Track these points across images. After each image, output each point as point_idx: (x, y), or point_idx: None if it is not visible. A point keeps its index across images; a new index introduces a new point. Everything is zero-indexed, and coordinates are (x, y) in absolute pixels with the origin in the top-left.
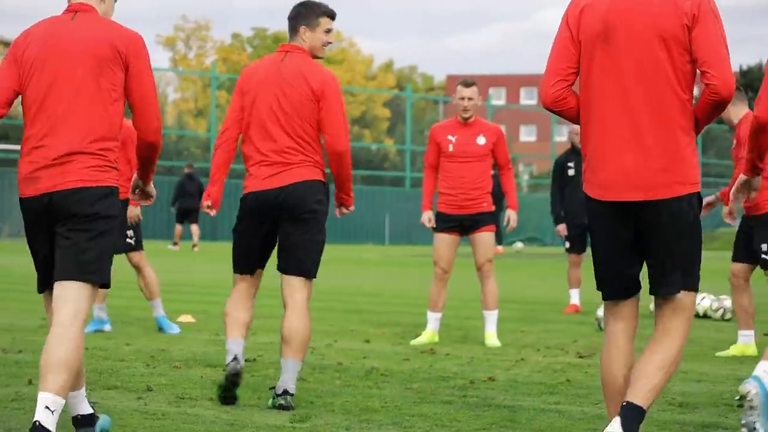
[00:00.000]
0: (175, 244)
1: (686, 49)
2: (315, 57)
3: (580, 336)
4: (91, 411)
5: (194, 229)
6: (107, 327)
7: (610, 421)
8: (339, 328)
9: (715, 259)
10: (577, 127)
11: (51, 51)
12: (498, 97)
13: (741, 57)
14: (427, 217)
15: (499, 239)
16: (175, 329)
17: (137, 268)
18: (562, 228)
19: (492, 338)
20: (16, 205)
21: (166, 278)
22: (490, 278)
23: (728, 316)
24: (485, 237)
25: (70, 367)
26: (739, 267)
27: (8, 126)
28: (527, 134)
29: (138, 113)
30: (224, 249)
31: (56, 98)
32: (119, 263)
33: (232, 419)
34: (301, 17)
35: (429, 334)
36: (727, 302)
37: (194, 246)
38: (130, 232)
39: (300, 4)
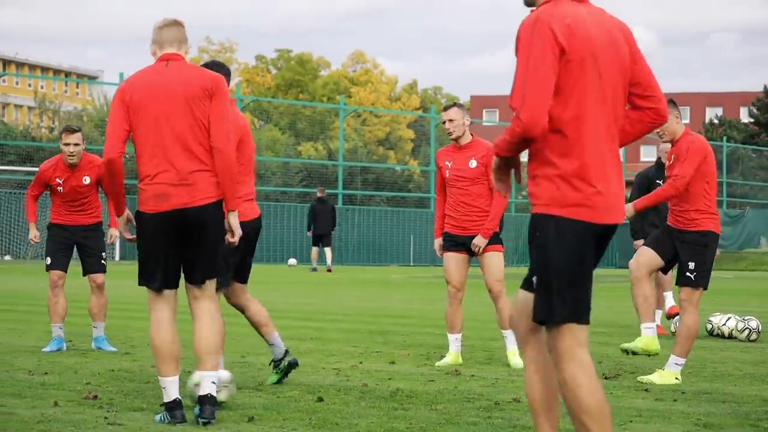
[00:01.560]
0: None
1: (628, 77)
2: None
3: (605, 357)
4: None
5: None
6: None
7: None
8: (364, 350)
9: (742, 279)
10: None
11: (152, 94)
12: None
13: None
14: (438, 245)
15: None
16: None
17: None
18: (638, 244)
19: (515, 356)
20: (42, 228)
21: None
22: (502, 298)
23: (753, 336)
24: (491, 258)
25: (219, 350)
26: (649, 258)
27: (32, 149)
28: None
29: (212, 129)
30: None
31: (163, 131)
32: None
33: None
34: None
35: (453, 356)
36: (753, 323)
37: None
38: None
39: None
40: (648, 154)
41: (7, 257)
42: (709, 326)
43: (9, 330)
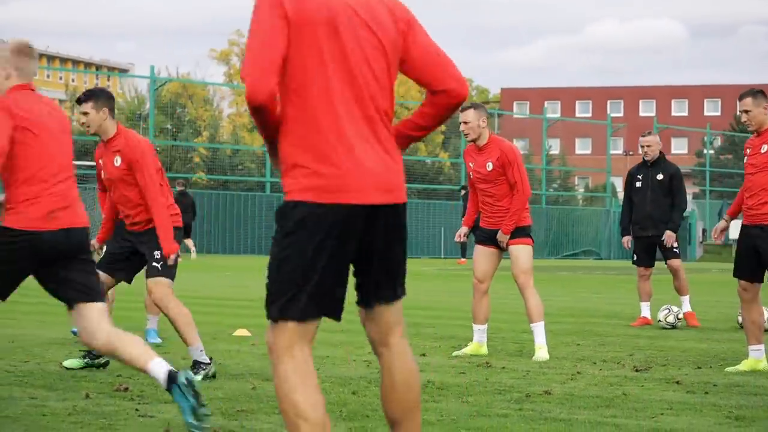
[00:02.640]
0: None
1: (393, 54)
2: None
3: (636, 349)
4: None
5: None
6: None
7: None
8: None
9: None
10: (644, 140)
11: None
12: (553, 111)
13: None
14: (457, 234)
15: (463, 251)
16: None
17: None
18: (626, 240)
19: (541, 351)
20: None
21: (221, 293)
22: (528, 289)
23: None
24: (518, 249)
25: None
26: (746, 283)
27: (89, 142)
28: (582, 147)
29: None
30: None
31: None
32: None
33: None
34: None
35: (474, 346)
36: None
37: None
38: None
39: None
40: (679, 147)
41: None
42: (741, 318)
43: (40, 322)
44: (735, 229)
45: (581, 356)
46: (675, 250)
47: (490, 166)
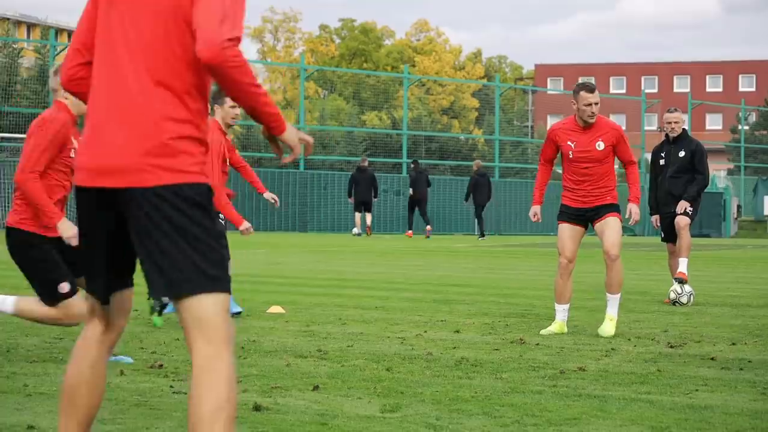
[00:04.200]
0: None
1: (175, 20)
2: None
3: (670, 326)
4: None
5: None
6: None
7: None
8: (428, 319)
9: None
10: (671, 116)
11: None
12: None
13: None
14: (533, 212)
15: (482, 231)
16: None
17: None
18: (654, 219)
19: (608, 324)
20: None
21: (255, 270)
22: (616, 262)
23: None
24: (610, 222)
25: None
26: None
27: None
28: (617, 123)
29: None
30: (310, 240)
31: None
32: None
33: (322, 409)
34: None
35: (558, 325)
36: None
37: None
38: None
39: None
40: (714, 123)
41: None
42: None
43: None
44: None
45: (615, 332)
46: (687, 212)
47: (601, 146)
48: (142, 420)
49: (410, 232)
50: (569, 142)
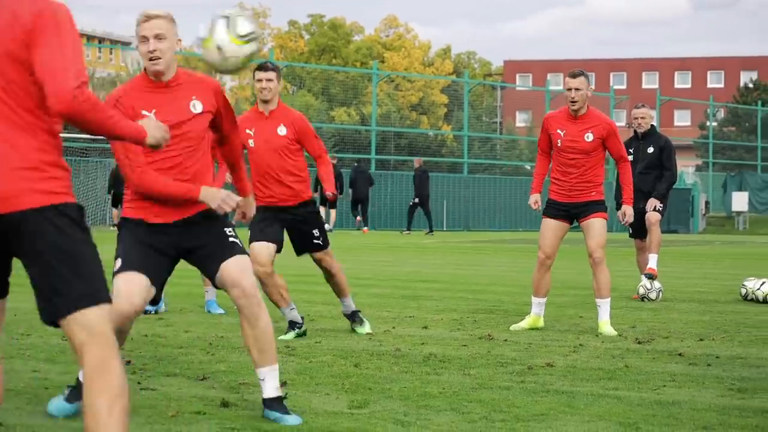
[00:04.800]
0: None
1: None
2: None
3: (638, 322)
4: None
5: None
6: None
7: None
8: (397, 314)
9: None
10: (638, 111)
11: None
12: (556, 83)
13: None
14: (533, 200)
15: (429, 227)
16: (220, 310)
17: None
18: (620, 214)
19: (606, 326)
20: (76, 194)
21: None
22: (601, 265)
23: None
24: (595, 223)
25: None
26: None
27: None
28: None
29: None
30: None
31: None
32: None
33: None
34: None
35: (532, 319)
36: None
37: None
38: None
39: None
40: (682, 119)
41: None
42: (744, 291)
43: None
44: (737, 202)
45: (583, 329)
46: (657, 209)
47: (590, 137)
48: None
49: (358, 218)
50: (558, 131)
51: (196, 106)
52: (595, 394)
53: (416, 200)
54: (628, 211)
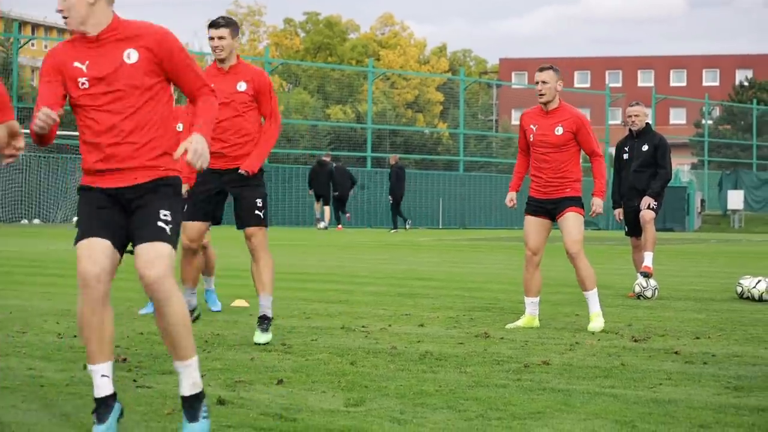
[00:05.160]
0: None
1: None
2: None
3: (634, 320)
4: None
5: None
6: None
7: None
8: (393, 312)
9: None
10: (632, 109)
11: None
12: None
13: None
14: (509, 198)
15: (395, 224)
16: (218, 306)
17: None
18: (617, 212)
19: (597, 319)
20: (71, 191)
21: (218, 264)
22: (578, 259)
23: None
24: (570, 219)
25: None
26: None
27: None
28: None
29: None
30: (273, 233)
31: None
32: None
33: (286, 403)
34: None
35: (527, 318)
36: None
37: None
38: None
39: None
40: (678, 117)
41: (36, 221)
42: (740, 289)
43: (38, 293)
44: (733, 200)
45: (579, 327)
46: (651, 207)
47: (560, 131)
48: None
49: (340, 226)
50: (531, 125)
51: (131, 56)
52: (592, 392)
53: (390, 198)
54: (596, 202)
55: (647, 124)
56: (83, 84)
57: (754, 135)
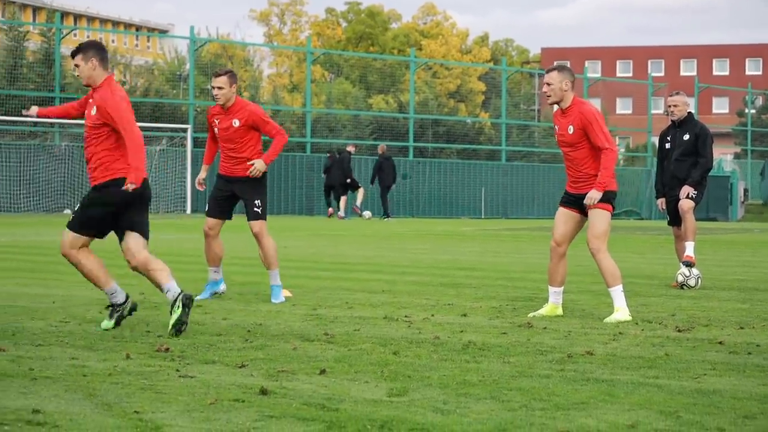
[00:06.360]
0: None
1: None
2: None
3: (678, 310)
4: None
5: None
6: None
7: None
8: (435, 302)
9: None
10: (672, 99)
11: None
12: (594, 70)
13: None
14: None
15: (386, 211)
16: (280, 298)
17: (257, 237)
18: (660, 202)
19: (617, 313)
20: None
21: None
22: (600, 254)
23: None
24: (594, 214)
25: None
26: None
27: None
28: (623, 107)
29: None
30: (316, 223)
31: None
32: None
33: (329, 393)
34: None
35: (549, 307)
36: None
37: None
38: (257, 201)
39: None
40: (720, 106)
41: (67, 211)
42: None
43: (80, 283)
44: None
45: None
46: (690, 196)
47: (571, 130)
48: (148, 404)
49: (330, 209)
50: (555, 126)
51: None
52: (636, 383)
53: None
54: (591, 194)
55: (689, 113)
56: None
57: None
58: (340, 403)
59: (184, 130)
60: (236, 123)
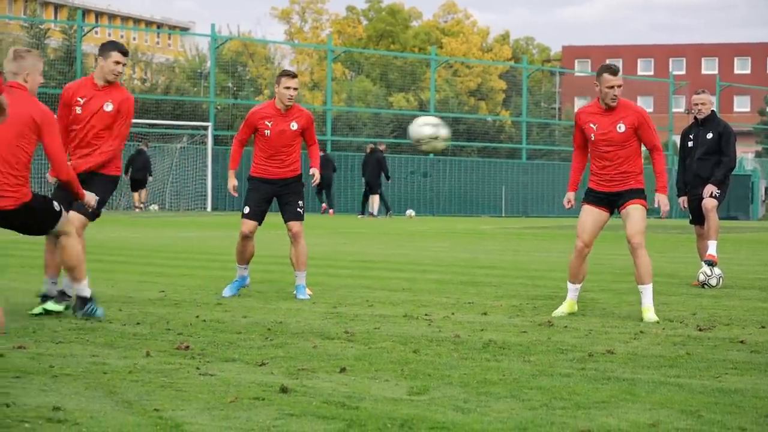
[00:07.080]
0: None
1: None
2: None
3: (699, 309)
4: None
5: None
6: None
7: None
8: (456, 301)
9: None
10: (698, 97)
11: None
12: None
13: None
14: (566, 199)
15: (386, 208)
16: (305, 295)
17: (295, 237)
18: (682, 201)
19: (648, 313)
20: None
21: (282, 252)
22: (640, 250)
23: None
24: (634, 211)
25: None
26: None
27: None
28: (644, 105)
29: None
30: (336, 221)
31: None
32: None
33: (349, 391)
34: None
35: (569, 304)
36: None
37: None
38: (300, 203)
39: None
40: (742, 105)
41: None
42: None
43: (100, 280)
44: None
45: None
46: (714, 195)
47: (622, 128)
48: (168, 402)
49: (324, 205)
50: (591, 125)
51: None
52: (657, 382)
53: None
54: (662, 200)
55: (712, 111)
56: None
57: None
58: (361, 401)
59: (205, 128)
60: (294, 126)
